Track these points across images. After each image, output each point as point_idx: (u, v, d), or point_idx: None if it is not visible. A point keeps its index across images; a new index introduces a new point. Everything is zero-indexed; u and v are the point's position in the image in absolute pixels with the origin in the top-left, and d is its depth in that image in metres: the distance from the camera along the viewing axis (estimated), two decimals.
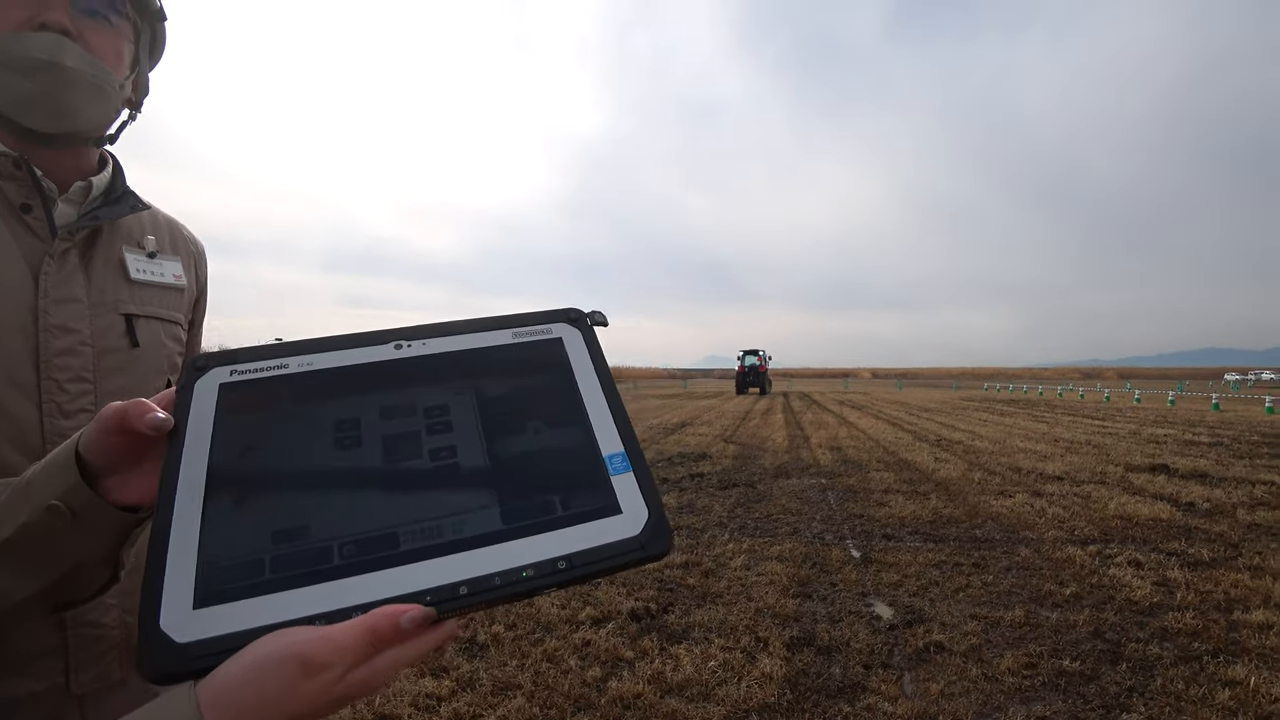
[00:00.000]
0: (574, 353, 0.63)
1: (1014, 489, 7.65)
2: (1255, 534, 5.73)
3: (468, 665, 3.27)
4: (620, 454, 0.56)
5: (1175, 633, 3.65)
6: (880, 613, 3.91)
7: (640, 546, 0.52)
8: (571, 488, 0.54)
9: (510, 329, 0.64)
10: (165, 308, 0.97)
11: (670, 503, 6.85)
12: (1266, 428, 16.24)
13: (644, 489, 0.54)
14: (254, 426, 0.56)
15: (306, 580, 0.48)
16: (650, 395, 37.11)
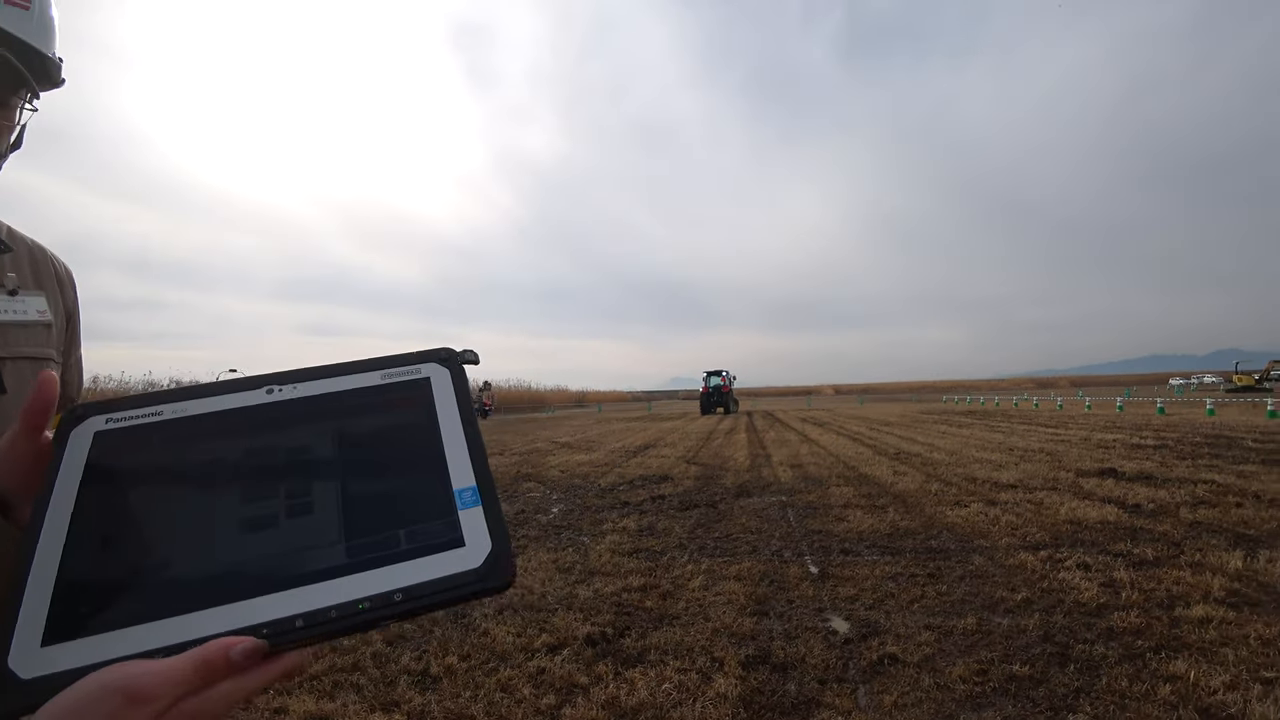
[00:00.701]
0: (440, 392, 0.64)
1: (969, 499, 7.78)
2: (1196, 532, 5.91)
3: (420, 698, 3.20)
4: (471, 489, 0.57)
5: (1120, 632, 3.74)
6: (836, 627, 3.93)
7: (479, 579, 0.53)
8: (419, 522, 0.56)
9: (380, 370, 0.65)
10: (34, 345, 0.95)
11: (630, 526, 6.82)
12: (1207, 429, 16.83)
13: (490, 522, 0.56)
14: (122, 472, 0.58)
15: (151, 616, 0.49)
16: (614, 418, 37.03)
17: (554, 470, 12.03)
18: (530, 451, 16.01)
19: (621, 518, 7.32)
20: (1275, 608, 4.04)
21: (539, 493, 9.49)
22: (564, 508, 8.17)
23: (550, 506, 8.29)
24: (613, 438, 20.30)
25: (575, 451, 15.66)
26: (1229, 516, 6.46)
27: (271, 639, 0.48)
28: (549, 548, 6.06)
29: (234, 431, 0.60)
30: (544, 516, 7.61)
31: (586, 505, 8.27)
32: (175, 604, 0.50)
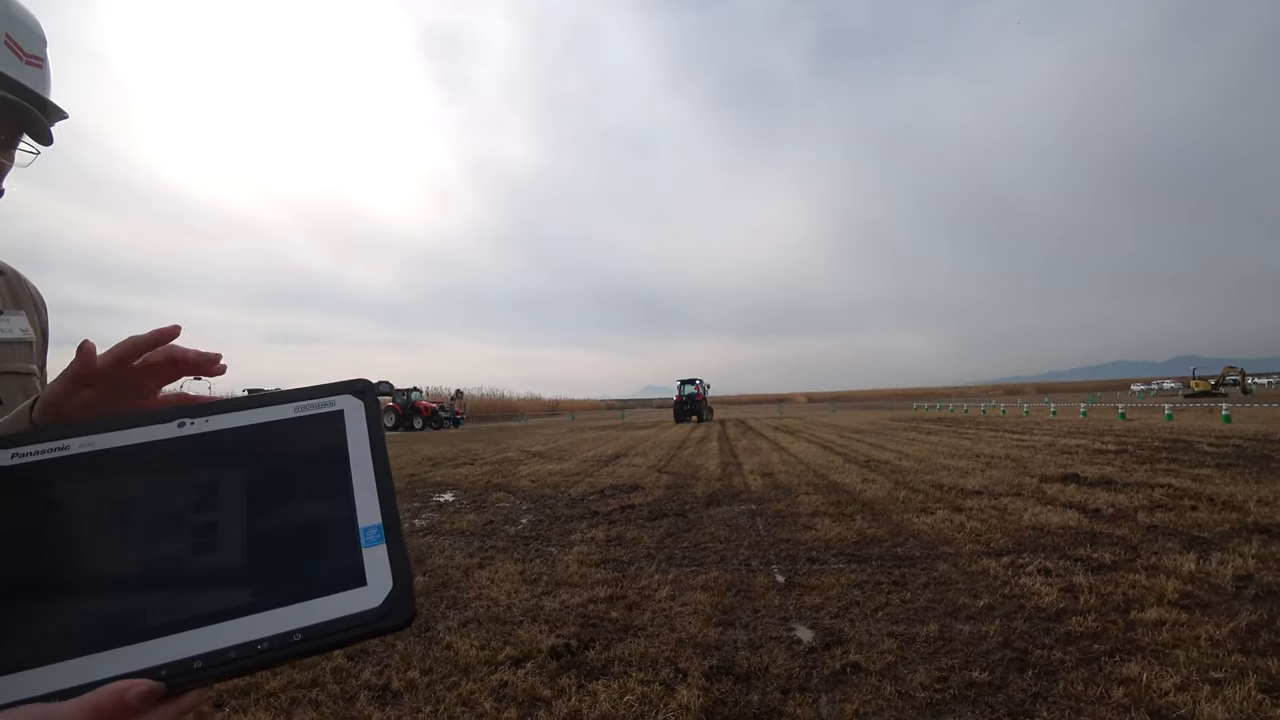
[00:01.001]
0: (352, 425, 0.63)
1: (936, 506, 7.88)
2: (1153, 535, 6.05)
3: (380, 714, 3.16)
4: (376, 526, 0.57)
5: (1078, 636, 3.80)
6: (801, 636, 3.95)
7: (378, 618, 0.53)
8: (322, 561, 0.55)
9: (293, 403, 0.64)
10: (19, 361, 1.04)
11: (599, 536, 6.80)
12: (1165, 434, 17.24)
13: (393, 560, 0.56)
14: (24, 509, 0.56)
15: (52, 658, 0.48)
16: (588, 427, 36.93)
17: (524, 480, 11.96)
18: (501, 461, 15.90)
19: (591, 528, 7.29)
20: (1225, 609, 4.13)
21: (509, 503, 9.42)
22: (533, 518, 8.12)
23: (520, 517, 8.23)
24: (585, 447, 20.24)
25: (547, 461, 15.58)
26: (1184, 520, 6.61)
27: (169, 681, 0.48)
28: (516, 559, 6.01)
29: (141, 467, 0.59)
30: (513, 527, 7.55)
31: (556, 515, 8.23)
32: (76, 645, 0.49)
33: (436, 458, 17.52)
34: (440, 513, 8.70)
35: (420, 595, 5.02)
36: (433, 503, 9.68)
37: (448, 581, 5.37)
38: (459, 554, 6.27)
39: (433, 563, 5.97)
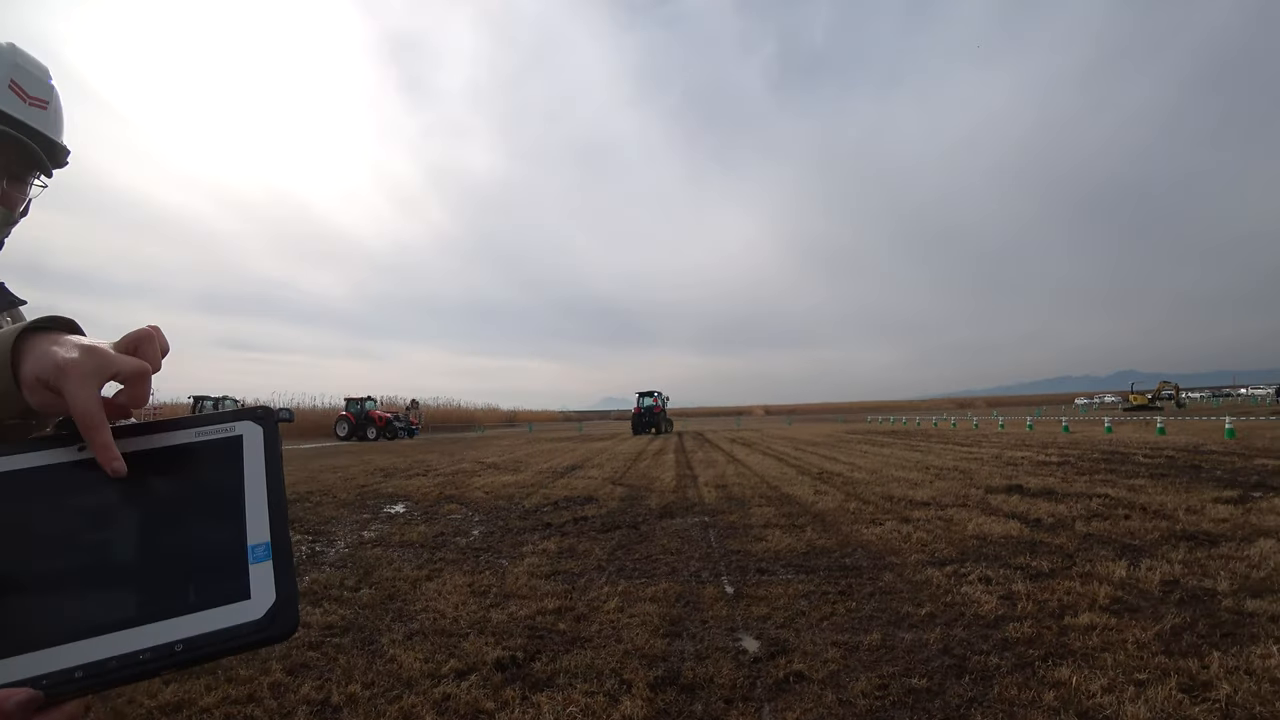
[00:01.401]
0: (250, 449, 0.67)
1: (885, 517, 8.02)
2: (1089, 544, 6.25)
3: None
4: (265, 544, 0.61)
5: (1014, 642, 3.90)
6: (747, 646, 3.98)
7: (258, 629, 0.57)
8: (208, 577, 0.59)
9: (195, 428, 0.68)
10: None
11: (551, 548, 6.76)
12: (1105, 446, 17.85)
13: (279, 575, 0.60)
14: None
15: None
16: (545, 439, 36.71)
17: (478, 491, 11.83)
18: (455, 472, 15.70)
19: (543, 540, 7.24)
20: (1152, 613, 4.30)
21: (461, 515, 9.31)
22: (485, 530, 8.03)
23: (471, 529, 8.14)
24: (541, 458, 20.11)
25: (501, 472, 15.44)
26: (1118, 528, 6.85)
27: (49, 690, 0.50)
28: (465, 571, 5.94)
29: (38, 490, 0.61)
30: (463, 539, 7.46)
31: (508, 527, 8.15)
32: None
33: (389, 468, 17.22)
34: (390, 524, 8.55)
35: (366, 608, 4.94)
36: (383, 514, 9.51)
37: (394, 594, 5.29)
38: (407, 566, 6.17)
39: (380, 575, 5.87)
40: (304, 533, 8.08)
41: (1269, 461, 12.34)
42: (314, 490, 12.38)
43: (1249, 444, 16.51)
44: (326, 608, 4.97)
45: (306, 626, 4.55)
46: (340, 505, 10.44)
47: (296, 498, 11.34)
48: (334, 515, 9.41)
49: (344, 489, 12.59)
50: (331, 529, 8.32)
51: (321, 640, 4.28)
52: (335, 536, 7.82)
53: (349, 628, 4.53)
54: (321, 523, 8.78)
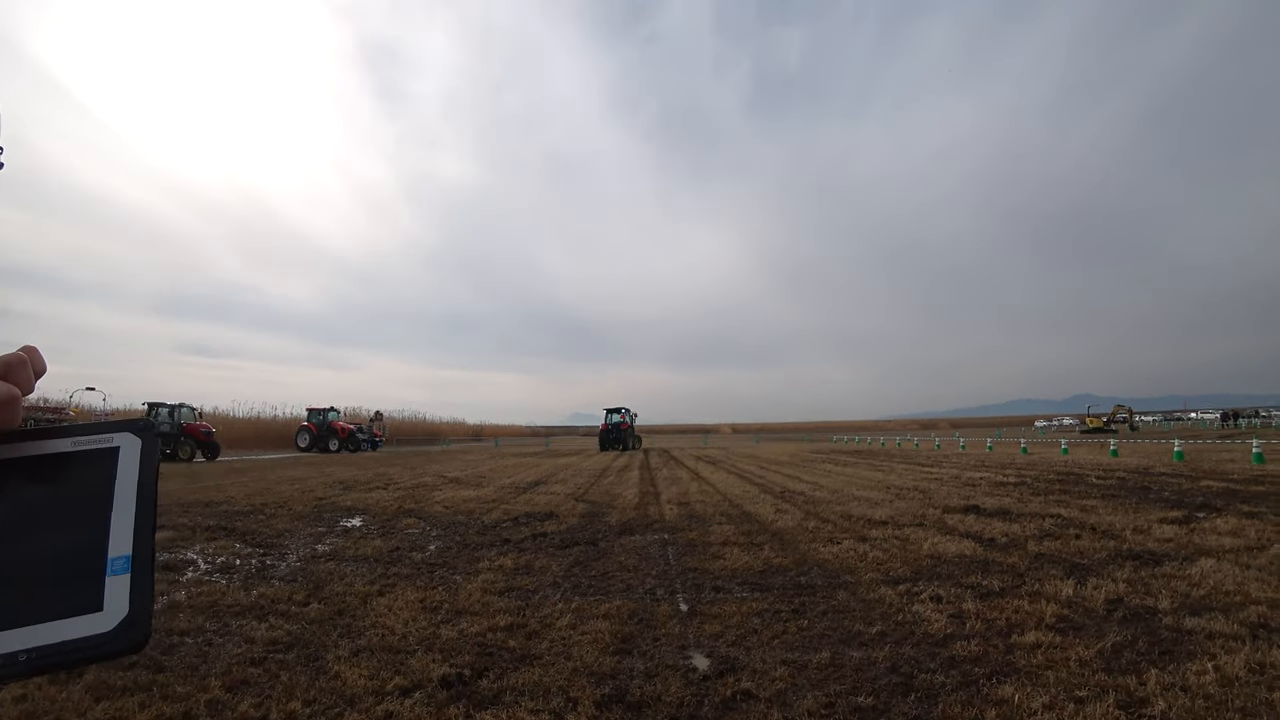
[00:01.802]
0: (125, 461, 0.67)
1: (843, 536, 8.07)
2: (1040, 563, 6.35)
3: None
4: (125, 557, 0.61)
5: (961, 660, 3.94)
6: (697, 664, 3.96)
7: (106, 641, 0.57)
8: (63, 586, 0.58)
9: (73, 437, 0.67)
10: None
11: (507, 564, 6.68)
12: (1060, 467, 18.22)
13: (135, 589, 0.60)
14: None
15: None
16: (510, 453, 36.42)
17: (438, 506, 11.66)
18: (416, 486, 15.48)
19: (500, 556, 7.15)
20: (1095, 631, 4.37)
21: (418, 529, 9.17)
22: (442, 545, 7.92)
23: (428, 544, 8.02)
24: (504, 473, 19.93)
25: (463, 487, 15.26)
26: (1068, 548, 6.98)
27: None
28: (418, 586, 5.84)
29: None
30: (419, 554, 7.34)
31: (466, 542, 8.05)
32: None
33: (349, 481, 16.92)
34: (346, 538, 8.39)
35: (314, 623, 4.82)
36: (339, 528, 9.32)
37: (344, 609, 5.18)
38: (359, 581, 6.05)
39: (330, 589, 5.74)
40: (254, 545, 7.89)
41: (1214, 483, 12.71)
42: (269, 503, 12.10)
43: (1196, 466, 16.99)
44: (272, 623, 4.85)
45: (250, 642, 4.43)
46: (295, 518, 10.21)
47: (250, 509, 11.08)
48: (288, 528, 9.20)
49: (300, 501, 12.33)
50: (284, 542, 8.13)
51: (265, 656, 4.17)
52: (287, 550, 7.64)
53: (294, 644, 4.42)
54: (274, 536, 8.57)
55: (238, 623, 4.86)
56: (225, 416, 46.27)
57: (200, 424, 31.99)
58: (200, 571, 6.54)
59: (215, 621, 4.90)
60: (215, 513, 10.65)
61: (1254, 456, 17.68)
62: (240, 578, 6.26)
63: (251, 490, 14.42)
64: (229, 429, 43.84)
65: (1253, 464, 16.80)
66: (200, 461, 29.24)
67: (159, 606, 5.24)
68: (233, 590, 5.75)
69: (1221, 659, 3.83)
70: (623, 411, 45.03)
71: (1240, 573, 5.72)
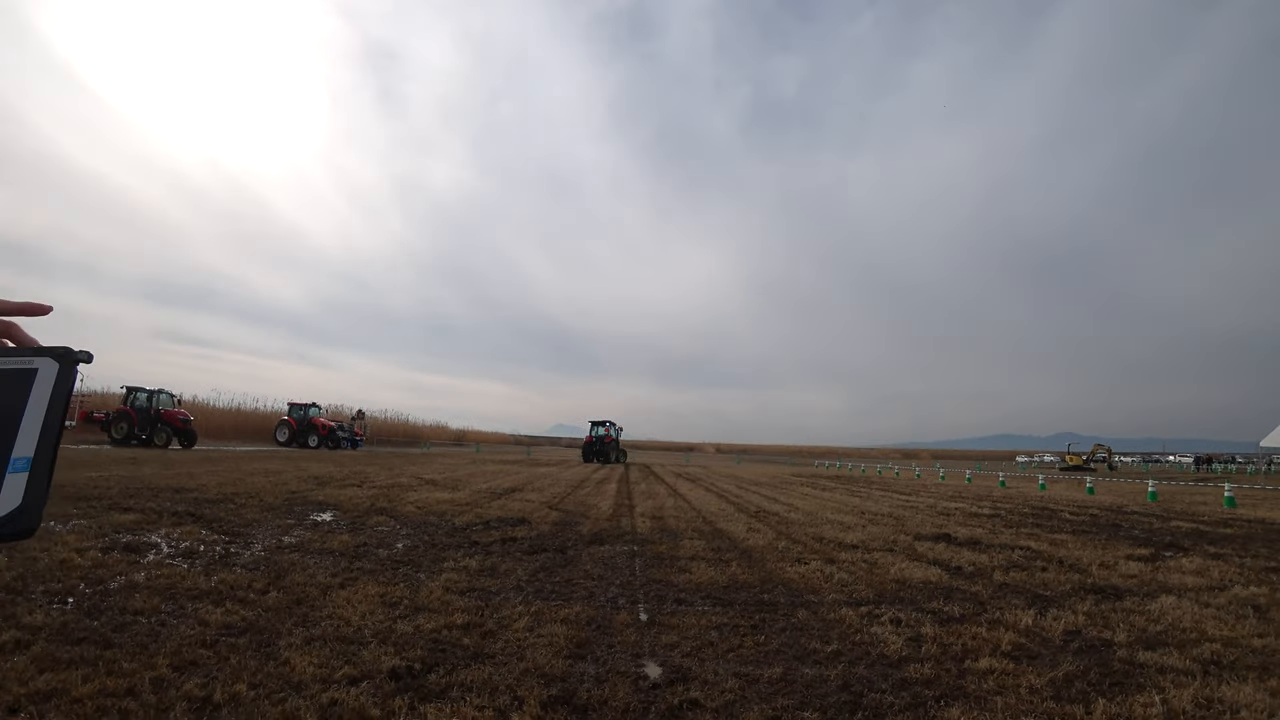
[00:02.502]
0: (41, 382, 0.75)
1: (811, 557, 8.08)
2: (1003, 592, 6.38)
3: None
4: (26, 459, 0.70)
5: (912, 682, 3.95)
6: (649, 672, 3.95)
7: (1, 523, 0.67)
8: None
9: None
10: None
11: (472, 565, 6.64)
12: (1036, 501, 18.33)
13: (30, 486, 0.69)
14: None
15: None
16: (490, 460, 36.25)
17: (410, 506, 11.59)
18: (391, 486, 15.38)
19: (466, 557, 7.12)
20: (1050, 660, 4.40)
21: (388, 527, 9.10)
22: (410, 544, 7.86)
23: (396, 542, 7.96)
24: (481, 478, 19.84)
25: (439, 489, 15.18)
26: (1033, 579, 7.02)
27: None
28: (381, 582, 5.80)
29: None
30: (385, 551, 7.29)
31: (434, 543, 8.00)
32: None
33: (324, 477, 16.79)
34: (313, 532, 8.31)
35: (270, 611, 4.78)
36: (308, 521, 9.23)
37: (302, 599, 5.13)
38: (321, 573, 6.00)
39: (291, 579, 5.69)
40: (220, 533, 7.81)
41: (1184, 524, 12.83)
42: (240, 493, 11.98)
43: (1168, 507, 17.13)
44: (229, 608, 4.80)
45: (204, 625, 4.39)
46: (265, 509, 10.11)
47: (220, 498, 10.97)
48: (256, 519, 9.11)
49: (273, 494, 12.21)
50: (251, 532, 8.05)
51: (217, 639, 4.13)
52: (253, 539, 7.56)
53: (248, 629, 4.37)
54: (242, 525, 8.49)
55: (193, 606, 4.81)
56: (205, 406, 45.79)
57: (178, 411, 31.62)
58: (162, 555, 6.46)
59: (171, 604, 4.84)
60: (185, 499, 10.54)
61: (1225, 500, 17.85)
62: (202, 563, 6.20)
63: (224, 480, 14.28)
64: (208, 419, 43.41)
65: (1224, 507, 16.97)
66: (176, 449, 28.91)
67: (115, 586, 5.18)
68: (193, 575, 5.68)
69: (1170, 693, 3.86)
70: (607, 425, 45.06)
71: (1199, 610, 5.78)
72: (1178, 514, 15.08)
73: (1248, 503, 19.24)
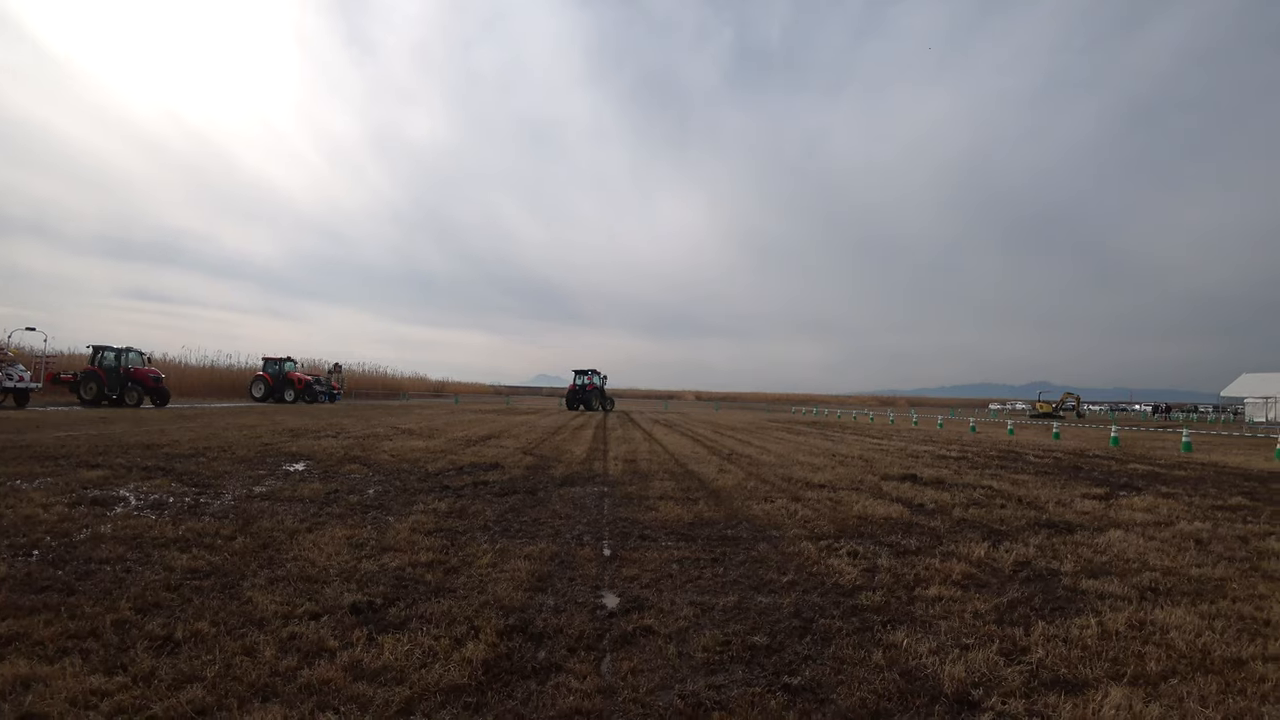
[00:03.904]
0: None
1: (778, 495, 8.26)
2: (961, 527, 6.58)
3: (152, 661, 3.01)
4: None
5: (863, 609, 4.09)
6: (606, 603, 4.06)
7: None
8: None
9: None
10: None
11: (441, 508, 6.72)
12: (1004, 445, 18.74)
13: None
14: None
15: None
16: (469, 409, 36.29)
17: (385, 455, 11.63)
18: (367, 436, 15.38)
19: (436, 500, 7.19)
20: (998, 588, 4.57)
21: (360, 475, 9.14)
22: (381, 489, 7.92)
23: (367, 488, 8.01)
24: (458, 427, 19.89)
25: (414, 438, 15.21)
26: (991, 515, 7.24)
27: None
28: (350, 525, 5.85)
29: None
30: (356, 497, 7.34)
31: (405, 488, 8.06)
32: None
33: (299, 429, 16.73)
34: (285, 481, 8.33)
35: (236, 555, 4.81)
36: (280, 471, 9.24)
37: (269, 543, 5.17)
38: (290, 519, 6.04)
39: (259, 526, 5.72)
40: (191, 485, 7.80)
41: (1140, 467, 13.22)
42: (213, 447, 11.92)
43: (1128, 451, 17.63)
44: (195, 553, 4.83)
45: (169, 570, 4.41)
46: (237, 461, 10.10)
47: (192, 453, 10.91)
48: (228, 470, 9.10)
49: (245, 446, 12.17)
50: (221, 483, 8.05)
51: (181, 583, 4.16)
52: (224, 490, 7.57)
53: (213, 572, 4.41)
54: (213, 477, 8.48)
55: (160, 553, 4.83)
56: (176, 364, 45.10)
57: (149, 369, 31.12)
58: (130, 508, 6.45)
59: (137, 552, 4.86)
60: (155, 455, 10.47)
61: (1183, 445, 18.39)
62: (171, 513, 6.20)
63: (197, 435, 14.19)
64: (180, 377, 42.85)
65: (1181, 452, 17.47)
66: (148, 408, 28.59)
67: (81, 538, 5.18)
68: (160, 524, 5.69)
69: (1106, 616, 4.04)
70: (589, 374, 45.33)
71: (1143, 544, 6.00)
72: (1136, 458, 15.52)
73: (1204, 448, 19.82)
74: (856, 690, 2.95)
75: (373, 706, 2.65)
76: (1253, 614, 4.12)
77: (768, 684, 3.00)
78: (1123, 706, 2.82)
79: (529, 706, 2.72)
